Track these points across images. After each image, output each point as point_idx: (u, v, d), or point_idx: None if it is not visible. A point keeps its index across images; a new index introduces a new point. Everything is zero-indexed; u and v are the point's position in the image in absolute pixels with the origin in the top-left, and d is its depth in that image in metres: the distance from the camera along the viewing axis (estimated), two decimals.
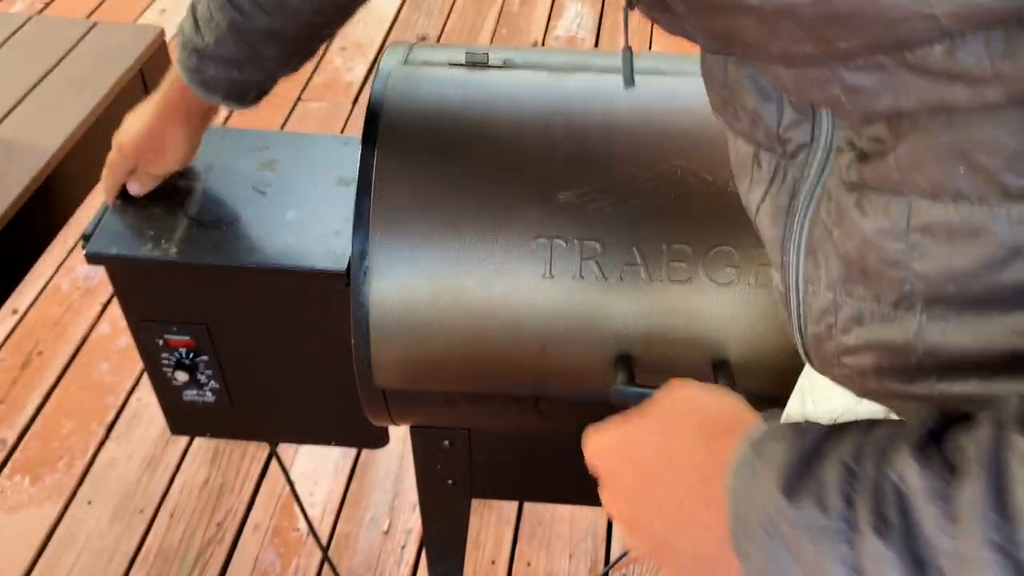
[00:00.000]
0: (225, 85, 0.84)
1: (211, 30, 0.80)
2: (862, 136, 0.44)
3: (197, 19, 0.81)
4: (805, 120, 0.47)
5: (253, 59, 0.82)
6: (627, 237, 0.81)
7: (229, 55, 0.81)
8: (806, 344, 0.53)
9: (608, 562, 1.57)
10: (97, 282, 2.02)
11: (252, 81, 0.85)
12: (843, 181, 0.46)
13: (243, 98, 0.87)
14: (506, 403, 0.90)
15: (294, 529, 1.60)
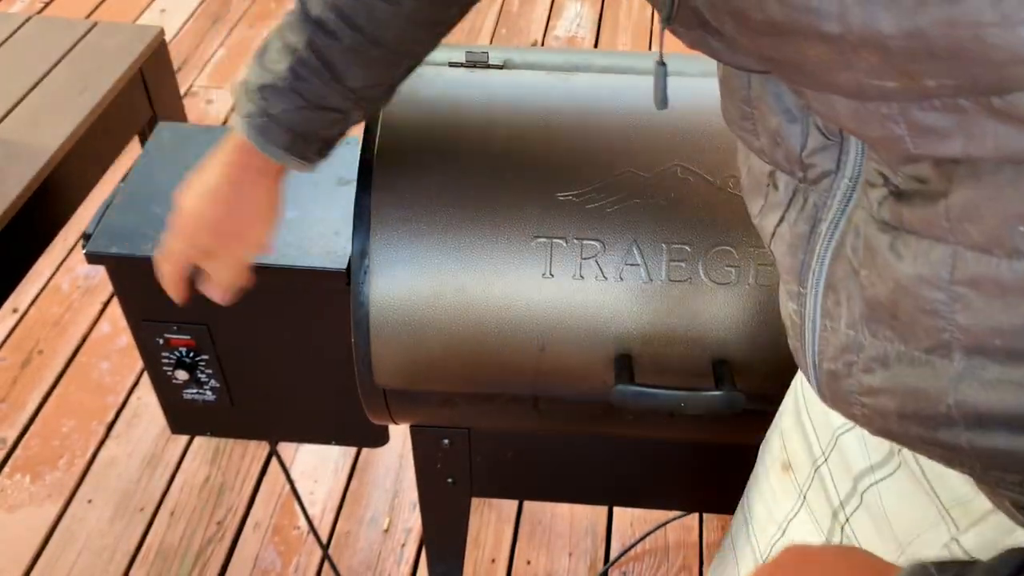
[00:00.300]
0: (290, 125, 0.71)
1: (285, 57, 0.69)
2: (898, 173, 0.41)
3: (264, 62, 0.70)
4: (832, 146, 0.45)
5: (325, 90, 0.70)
6: (627, 237, 0.81)
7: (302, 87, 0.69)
8: (819, 379, 0.50)
9: (608, 560, 1.57)
10: (97, 281, 2.02)
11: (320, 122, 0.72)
12: (874, 218, 0.43)
13: (307, 145, 0.73)
14: (506, 403, 0.90)
15: (294, 528, 1.60)
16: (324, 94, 0.70)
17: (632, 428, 0.92)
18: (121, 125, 1.52)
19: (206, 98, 2.57)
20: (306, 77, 0.69)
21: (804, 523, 0.67)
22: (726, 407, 0.78)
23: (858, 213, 0.44)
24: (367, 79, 0.71)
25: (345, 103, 0.72)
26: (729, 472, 1.08)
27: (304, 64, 0.69)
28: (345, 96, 0.71)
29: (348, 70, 0.69)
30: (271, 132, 0.71)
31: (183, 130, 1.09)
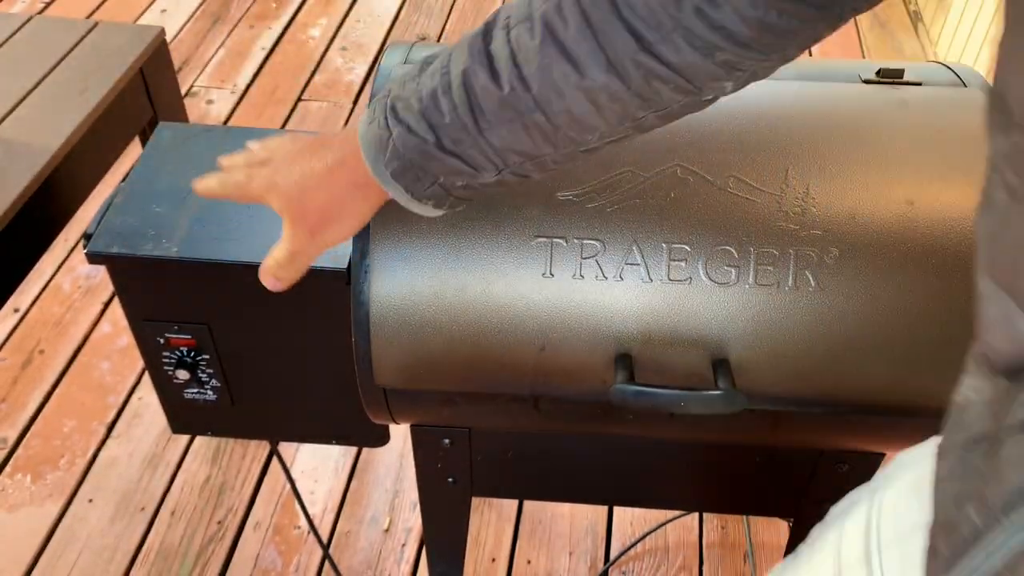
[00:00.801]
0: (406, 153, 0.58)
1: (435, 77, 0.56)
2: None
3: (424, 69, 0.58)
4: None
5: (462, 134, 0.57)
6: (627, 237, 0.81)
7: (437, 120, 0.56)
8: None
9: (608, 560, 1.57)
10: (98, 281, 2.02)
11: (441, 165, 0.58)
12: None
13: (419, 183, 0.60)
14: (506, 402, 0.90)
15: (295, 527, 1.60)
16: (458, 137, 0.57)
17: (632, 428, 0.93)
18: (122, 125, 1.52)
19: (207, 98, 2.57)
20: (445, 110, 0.56)
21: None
22: (726, 407, 0.79)
23: None
24: (513, 143, 0.56)
25: (479, 157, 0.57)
26: (729, 472, 1.08)
27: (449, 94, 0.55)
28: (481, 149, 0.57)
29: (496, 124, 0.55)
30: (385, 150, 0.59)
31: (184, 130, 1.09)
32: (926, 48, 2.85)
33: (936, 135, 0.83)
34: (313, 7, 2.98)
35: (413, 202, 0.62)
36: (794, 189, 0.80)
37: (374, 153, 0.60)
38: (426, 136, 0.57)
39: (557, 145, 0.57)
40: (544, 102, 0.53)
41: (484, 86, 0.54)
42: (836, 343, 0.80)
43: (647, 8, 0.48)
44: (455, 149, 0.57)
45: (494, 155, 0.57)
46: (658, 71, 0.50)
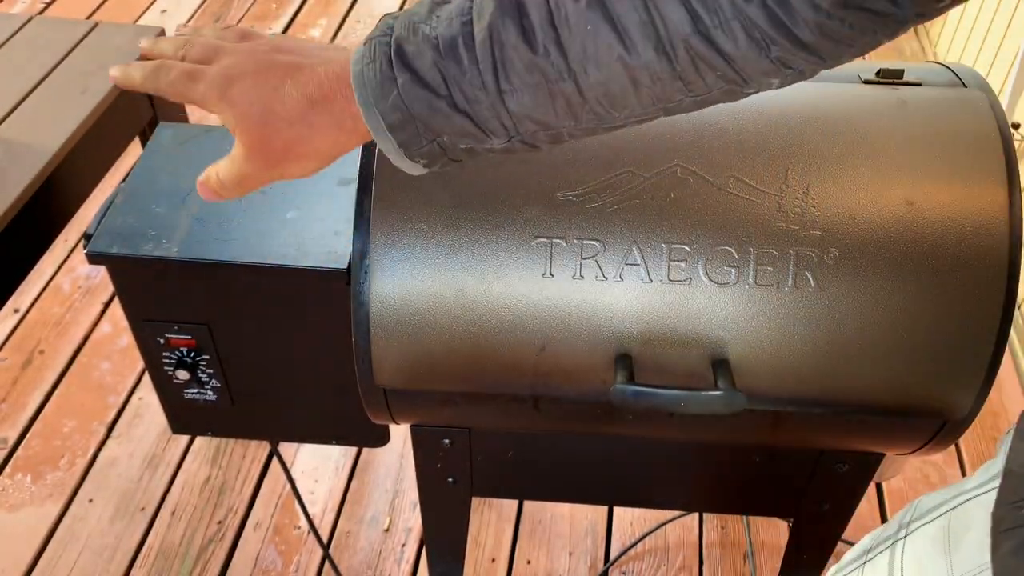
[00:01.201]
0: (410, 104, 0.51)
1: (455, 24, 0.49)
2: None
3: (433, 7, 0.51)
4: None
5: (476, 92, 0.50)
6: (627, 237, 0.81)
7: (451, 70, 0.50)
8: None
9: (608, 560, 1.57)
10: (98, 281, 2.02)
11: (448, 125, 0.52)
12: None
13: (416, 139, 0.53)
14: (506, 403, 0.90)
15: (295, 527, 1.60)
16: (474, 96, 0.50)
17: (632, 428, 0.93)
18: (122, 126, 1.52)
19: None
20: (465, 65, 0.49)
21: None
22: (726, 407, 0.79)
23: None
24: (533, 111, 0.51)
25: (493, 121, 0.51)
26: (729, 472, 1.08)
27: (471, 48, 0.49)
28: (496, 114, 0.51)
29: (519, 88, 0.49)
30: (384, 98, 0.51)
31: (184, 130, 1.09)
32: (926, 48, 2.85)
33: (936, 135, 0.83)
34: (313, 7, 2.98)
35: (403, 159, 0.54)
36: (794, 189, 0.80)
37: (371, 98, 0.52)
38: (438, 89, 0.50)
39: (580, 119, 0.52)
40: (579, 72, 0.48)
41: (514, 44, 0.48)
42: (836, 343, 0.80)
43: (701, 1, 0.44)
44: (468, 108, 0.51)
45: (509, 120, 0.51)
46: (709, 57, 0.47)
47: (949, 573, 0.54)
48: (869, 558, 0.66)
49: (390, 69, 0.50)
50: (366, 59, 0.52)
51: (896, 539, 0.62)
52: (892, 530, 0.65)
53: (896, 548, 0.61)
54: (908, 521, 0.62)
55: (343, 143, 0.56)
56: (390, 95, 0.51)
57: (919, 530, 0.60)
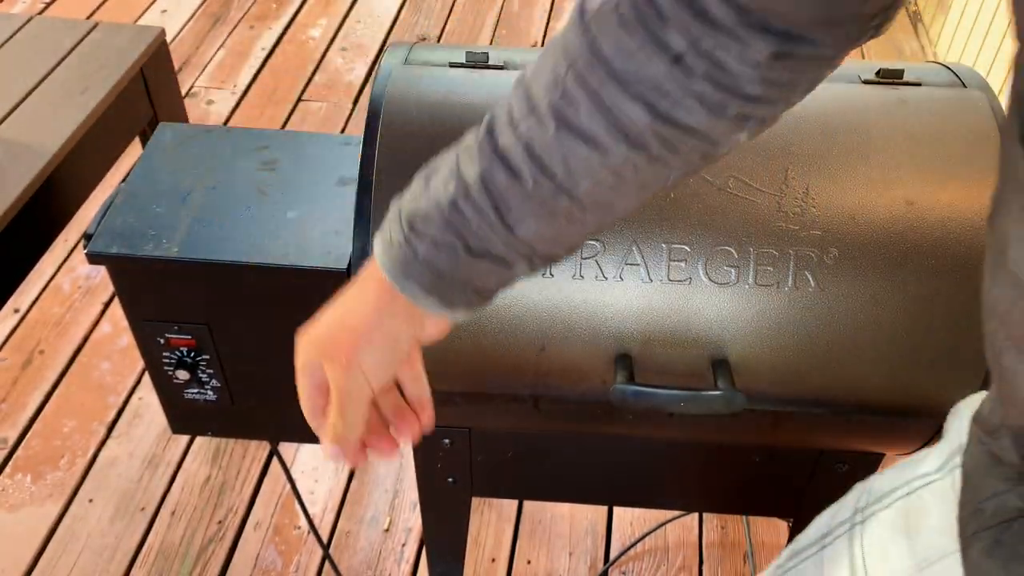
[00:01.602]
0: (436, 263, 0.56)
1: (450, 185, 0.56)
2: None
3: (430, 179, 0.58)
4: None
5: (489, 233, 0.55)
6: (627, 237, 0.81)
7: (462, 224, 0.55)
8: None
9: (608, 560, 1.57)
10: (98, 281, 2.02)
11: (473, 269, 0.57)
12: None
13: (453, 291, 0.58)
14: (506, 403, 0.90)
15: (295, 527, 1.60)
16: (487, 238, 0.55)
17: (632, 428, 0.93)
18: (122, 125, 1.52)
19: (207, 99, 2.57)
20: (469, 215, 0.55)
21: None
22: (726, 407, 0.79)
23: None
24: (543, 232, 0.56)
25: (510, 253, 0.56)
26: (729, 472, 1.08)
27: (470, 199, 0.54)
28: (511, 245, 0.56)
29: (523, 218, 0.54)
30: (412, 268, 0.57)
31: (184, 131, 1.09)
32: (926, 48, 2.85)
33: (935, 135, 0.83)
34: (313, 7, 2.98)
35: (447, 311, 0.59)
36: (794, 189, 0.81)
37: (400, 274, 0.57)
38: (454, 243, 0.55)
39: (585, 224, 0.57)
40: (570, 188, 0.53)
41: (506, 185, 0.53)
42: (836, 343, 0.80)
43: (654, 81, 0.48)
44: (485, 249, 0.56)
45: (524, 248, 0.56)
46: (675, 135, 0.50)
47: (912, 557, 0.55)
48: (827, 543, 0.65)
49: (407, 245, 0.56)
50: (385, 244, 0.58)
51: (853, 523, 0.63)
52: (847, 514, 0.65)
53: (854, 532, 0.62)
54: (864, 505, 0.63)
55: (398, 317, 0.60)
56: (415, 265, 0.57)
57: (876, 515, 0.61)
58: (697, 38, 0.47)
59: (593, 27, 0.49)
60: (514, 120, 0.53)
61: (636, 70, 0.48)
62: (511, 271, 0.58)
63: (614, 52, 0.48)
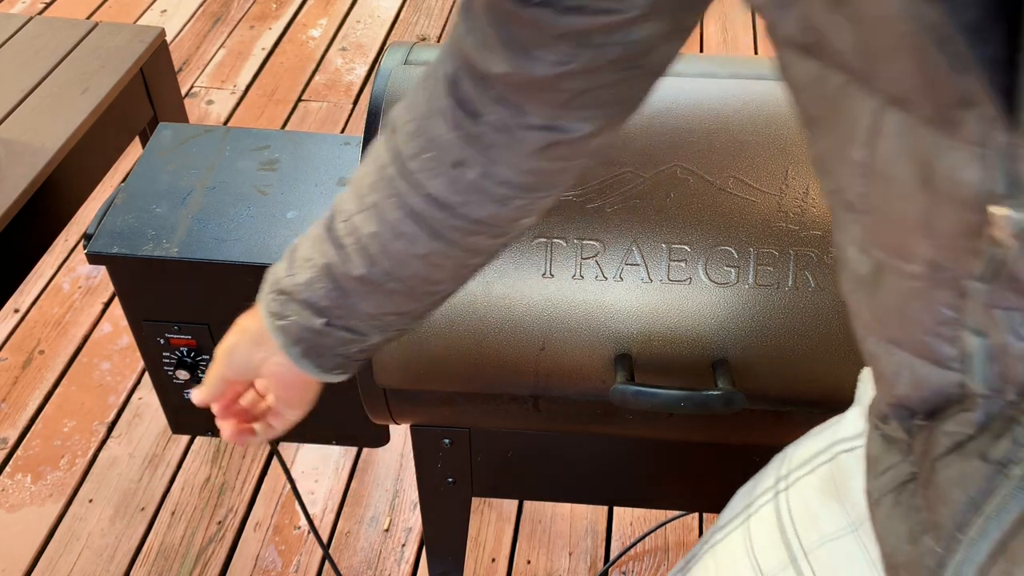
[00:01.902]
0: (307, 337, 0.66)
1: (305, 267, 0.65)
2: None
3: (294, 259, 0.67)
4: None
5: (342, 310, 0.65)
6: (627, 237, 0.81)
7: (317, 299, 0.64)
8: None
9: (608, 560, 1.57)
10: (98, 281, 2.02)
11: (336, 339, 0.66)
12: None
13: (322, 359, 0.68)
14: (506, 402, 0.90)
15: (295, 527, 1.60)
16: (339, 315, 0.64)
17: (632, 428, 0.93)
18: (122, 126, 1.52)
19: (207, 99, 2.57)
20: (322, 296, 0.64)
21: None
22: (726, 407, 0.79)
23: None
24: (384, 308, 0.65)
25: (362, 326, 0.66)
26: (729, 472, 1.08)
27: (321, 282, 0.64)
28: (360, 319, 0.65)
29: (364, 298, 0.64)
30: (288, 335, 0.66)
31: (184, 131, 1.09)
32: None
33: None
34: (313, 7, 2.98)
35: (324, 374, 0.69)
36: (794, 189, 0.81)
37: (283, 341, 0.67)
38: (314, 320, 0.65)
39: (420, 299, 0.66)
40: (395, 272, 0.62)
41: (344, 272, 0.63)
42: (835, 343, 0.80)
43: (447, 188, 0.58)
44: (342, 323, 0.65)
45: (373, 320, 0.65)
46: (470, 228, 0.60)
47: (845, 516, 0.58)
48: (751, 512, 0.68)
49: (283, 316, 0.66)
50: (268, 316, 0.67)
51: (777, 491, 0.66)
52: (770, 482, 0.68)
53: (780, 499, 0.65)
54: (786, 473, 0.66)
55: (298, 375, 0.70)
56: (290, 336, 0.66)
57: (801, 480, 0.64)
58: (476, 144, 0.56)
59: (399, 140, 0.59)
60: (347, 214, 0.63)
61: (429, 177, 0.58)
62: (367, 340, 0.67)
63: (414, 162, 0.58)
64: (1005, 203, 0.27)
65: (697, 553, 0.74)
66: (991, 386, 0.38)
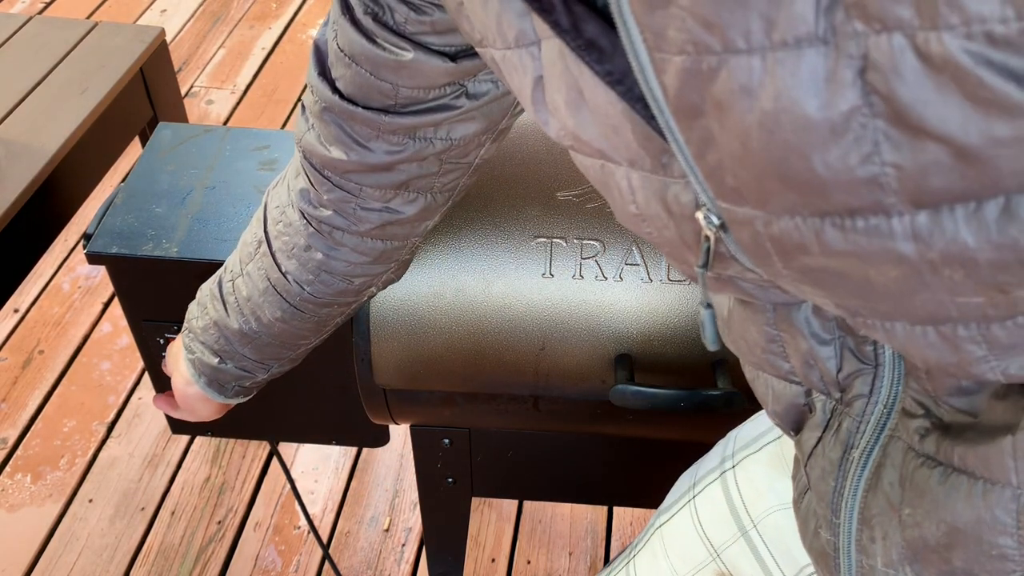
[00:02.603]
0: (207, 371, 0.79)
1: (202, 315, 0.78)
2: (942, 404, 0.39)
3: (199, 299, 0.79)
4: (866, 370, 0.42)
5: (231, 354, 0.78)
6: (627, 237, 0.81)
7: (211, 343, 0.77)
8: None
9: (608, 560, 1.57)
10: (98, 281, 2.02)
11: (230, 375, 0.79)
12: (916, 452, 0.40)
13: (224, 388, 0.81)
14: (506, 403, 0.90)
15: (295, 527, 1.60)
16: (229, 355, 0.77)
17: (632, 428, 0.93)
18: (122, 125, 1.52)
19: (206, 98, 2.57)
20: (213, 340, 0.77)
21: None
22: (725, 406, 0.79)
23: (895, 445, 0.42)
24: (262, 355, 0.78)
25: (250, 364, 0.78)
26: None
27: (210, 330, 0.77)
28: (249, 360, 0.78)
29: (244, 347, 0.76)
30: (195, 367, 0.80)
31: (184, 130, 1.09)
32: None
33: None
34: (313, 7, 2.98)
35: (226, 399, 0.82)
36: None
37: (191, 372, 0.80)
38: (212, 359, 0.78)
39: (292, 348, 0.78)
40: (265, 330, 0.74)
41: (227, 324, 0.75)
42: None
43: (299, 269, 0.69)
44: (232, 362, 0.78)
45: (258, 362, 0.78)
46: (322, 301, 0.72)
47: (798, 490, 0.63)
48: (697, 492, 0.72)
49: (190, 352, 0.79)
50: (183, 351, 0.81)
51: (723, 470, 0.71)
52: (715, 462, 0.72)
53: (727, 477, 0.70)
54: (731, 453, 0.71)
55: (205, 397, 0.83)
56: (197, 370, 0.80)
57: (748, 458, 0.69)
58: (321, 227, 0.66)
59: (268, 221, 0.70)
60: (232, 275, 0.75)
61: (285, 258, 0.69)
62: (255, 376, 0.80)
63: (276, 241, 0.70)
64: (700, 210, 0.35)
65: (643, 538, 0.77)
66: (820, 389, 0.44)
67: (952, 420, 0.38)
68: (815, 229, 0.31)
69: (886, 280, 0.31)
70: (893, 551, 0.42)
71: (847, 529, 0.45)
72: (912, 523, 0.40)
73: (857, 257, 0.31)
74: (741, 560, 0.67)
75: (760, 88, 0.28)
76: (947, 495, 0.38)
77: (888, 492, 0.42)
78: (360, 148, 0.59)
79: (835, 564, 0.46)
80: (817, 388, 0.45)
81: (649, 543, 0.76)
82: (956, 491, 0.37)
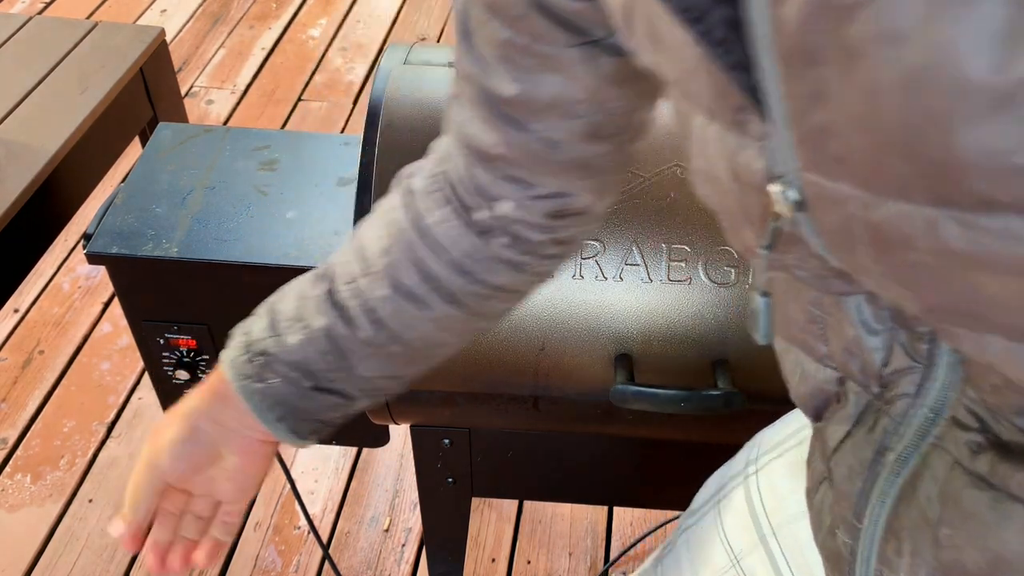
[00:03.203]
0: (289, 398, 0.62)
1: (297, 330, 0.61)
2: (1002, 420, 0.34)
3: (276, 319, 0.62)
4: (916, 369, 0.37)
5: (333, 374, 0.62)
6: (627, 237, 0.81)
7: (308, 362, 0.61)
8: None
9: (608, 560, 1.57)
10: (98, 281, 2.02)
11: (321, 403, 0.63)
12: (964, 468, 0.36)
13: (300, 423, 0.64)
14: (506, 403, 0.90)
15: (295, 527, 1.60)
16: (332, 378, 0.62)
17: (632, 428, 0.93)
18: (122, 125, 1.52)
19: (207, 98, 2.57)
20: (315, 358, 0.61)
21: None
22: (726, 407, 0.79)
23: (938, 456, 0.38)
24: (382, 371, 0.64)
25: (352, 389, 0.64)
26: None
27: (315, 345, 0.61)
28: (352, 383, 0.63)
29: (363, 361, 0.62)
30: (265, 399, 0.62)
31: (184, 130, 1.09)
32: None
33: None
34: (313, 7, 2.98)
35: (295, 440, 0.64)
36: None
37: (256, 406, 0.62)
38: (303, 383, 0.61)
39: (416, 363, 0.65)
40: (400, 335, 0.60)
41: (345, 334, 0.60)
42: None
43: (465, 256, 0.57)
44: (331, 387, 0.62)
45: (364, 383, 0.63)
46: (487, 293, 0.59)
47: None
48: (722, 496, 0.70)
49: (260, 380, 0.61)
50: (237, 376, 0.62)
51: (747, 475, 0.68)
52: (739, 467, 0.69)
53: (749, 482, 0.67)
54: (755, 457, 0.68)
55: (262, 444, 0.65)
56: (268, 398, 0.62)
57: (770, 463, 0.66)
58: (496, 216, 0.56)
59: (419, 205, 0.58)
60: (352, 277, 0.61)
61: (451, 244, 0.57)
62: (353, 403, 0.65)
63: (435, 228, 0.57)
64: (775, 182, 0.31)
65: (673, 540, 0.75)
66: (857, 380, 0.41)
67: (1012, 439, 0.34)
68: (929, 221, 0.26)
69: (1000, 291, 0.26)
70: (922, 570, 0.38)
71: (870, 536, 0.41)
72: (950, 544, 0.36)
73: (974, 260, 0.26)
74: (759, 569, 0.65)
75: (913, 36, 0.23)
76: (998, 523, 0.34)
77: (924, 506, 0.38)
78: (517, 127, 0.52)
79: (849, 570, 0.44)
80: (854, 378, 0.41)
81: (676, 547, 0.74)
82: (1009, 520, 0.34)
